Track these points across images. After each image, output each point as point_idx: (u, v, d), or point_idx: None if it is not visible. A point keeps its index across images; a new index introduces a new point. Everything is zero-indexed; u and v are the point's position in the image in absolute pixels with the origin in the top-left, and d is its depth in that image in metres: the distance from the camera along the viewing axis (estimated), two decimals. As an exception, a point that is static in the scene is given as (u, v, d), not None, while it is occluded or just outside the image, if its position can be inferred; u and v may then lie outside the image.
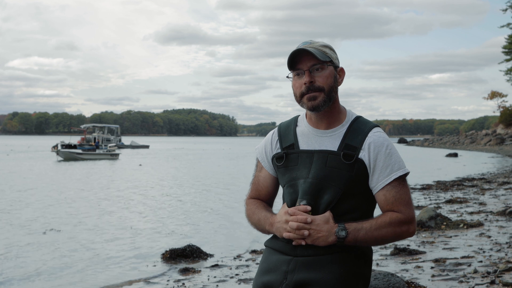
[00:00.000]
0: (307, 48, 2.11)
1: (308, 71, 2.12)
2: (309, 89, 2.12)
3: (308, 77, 2.12)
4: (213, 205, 13.72)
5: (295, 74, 2.17)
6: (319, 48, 2.15)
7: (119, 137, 70.38)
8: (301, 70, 2.14)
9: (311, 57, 2.12)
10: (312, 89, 2.12)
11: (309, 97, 2.12)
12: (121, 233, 9.69)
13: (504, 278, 4.67)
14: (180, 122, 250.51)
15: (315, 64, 2.12)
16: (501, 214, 9.02)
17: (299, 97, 2.16)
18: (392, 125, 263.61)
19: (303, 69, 2.13)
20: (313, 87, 2.12)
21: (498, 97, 74.27)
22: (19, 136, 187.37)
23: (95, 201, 14.47)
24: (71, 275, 6.74)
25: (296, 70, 2.16)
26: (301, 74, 2.15)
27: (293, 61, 2.15)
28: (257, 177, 2.35)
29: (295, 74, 2.17)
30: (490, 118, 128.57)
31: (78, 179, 22.13)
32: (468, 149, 58.22)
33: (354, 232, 2.04)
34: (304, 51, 2.12)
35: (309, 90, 2.12)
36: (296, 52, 2.13)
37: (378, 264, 5.79)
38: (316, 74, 2.13)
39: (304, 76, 2.13)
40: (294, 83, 2.18)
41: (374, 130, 2.16)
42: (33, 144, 79.07)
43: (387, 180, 2.10)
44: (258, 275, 2.17)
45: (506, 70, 63.98)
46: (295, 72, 2.16)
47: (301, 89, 2.14)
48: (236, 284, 5.59)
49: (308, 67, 2.12)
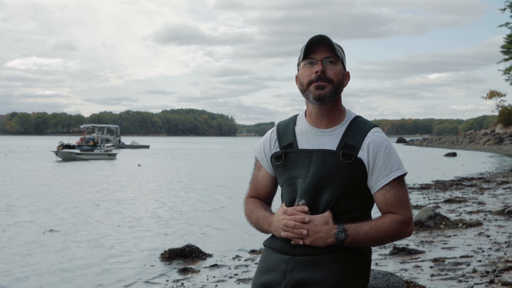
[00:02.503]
0: (328, 37, 2.12)
1: (321, 62, 2.12)
2: (319, 77, 2.11)
3: (321, 66, 2.12)
4: (212, 205, 13.71)
5: (305, 64, 2.16)
6: (336, 44, 2.16)
7: (119, 137, 70.37)
8: (314, 60, 2.13)
9: (327, 48, 2.13)
10: (322, 78, 2.11)
11: (317, 85, 2.11)
12: (120, 233, 9.68)
13: (503, 278, 4.67)
14: (179, 122, 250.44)
15: (329, 57, 2.12)
16: (500, 213, 9.02)
17: (306, 86, 2.15)
18: (391, 124, 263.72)
19: (317, 59, 2.13)
20: (324, 77, 2.11)
21: (497, 96, 74.37)
22: (17, 136, 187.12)
23: (94, 202, 14.45)
24: (69, 276, 6.73)
25: (309, 59, 2.15)
26: (313, 64, 2.14)
27: (308, 49, 2.14)
28: (256, 176, 2.34)
29: (306, 64, 2.15)
30: (489, 118, 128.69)
31: (77, 179, 22.12)
32: (467, 148, 58.25)
33: (354, 234, 2.04)
34: (324, 40, 2.12)
35: (319, 78, 2.11)
36: (314, 39, 2.12)
37: (377, 263, 5.79)
38: (328, 66, 2.13)
39: (316, 66, 2.13)
40: (302, 72, 2.17)
41: (374, 130, 2.16)
42: (31, 144, 78.97)
43: (386, 180, 2.10)
44: (257, 274, 2.16)
45: (505, 70, 64.06)
46: (307, 60, 2.15)
47: (311, 77, 2.13)
48: (235, 284, 5.59)
49: (322, 58, 2.13)
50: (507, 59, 63.38)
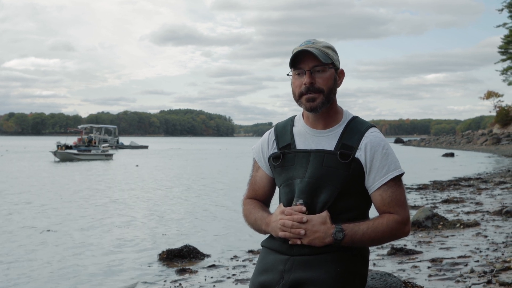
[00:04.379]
0: (310, 49, 2.11)
1: (309, 72, 2.12)
2: (308, 89, 2.12)
3: (309, 78, 2.11)
4: (210, 205, 13.71)
5: (295, 73, 2.17)
6: (322, 49, 2.14)
7: (117, 137, 70.39)
8: (302, 70, 2.14)
9: (313, 58, 2.12)
10: (311, 90, 2.11)
11: (308, 98, 2.12)
12: (118, 234, 9.67)
13: (500, 278, 4.68)
14: (177, 123, 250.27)
15: (316, 65, 2.12)
16: (498, 213, 9.04)
17: (298, 97, 2.16)
18: (388, 125, 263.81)
19: (305, 69, 2.13)
20: (312, 88, 2.11)
21: (494, 97, 74.47)
22: (15, 136, 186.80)
23: (91, 202, 14.43)
24: (67, 276, 6.72)
25: (297, 69, 2.15)
26: (301, 74, 2.14)
27: (295, 60, 2.15)
28: (254, 177, 2.35)
29: (296, 73, 2.16)
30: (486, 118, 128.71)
31: (75, 179, 22.10)
32: (465, 149, 58.33)
33: (351, 234, 2.04)
34: (307, 52, 2.12)
35: (308, 91, 2.12)
36: (299, 52, 2.13)
37: (375, 264, 5.79)
38: (317, 75, 2.13)
39: (304, 76, 2.13)
40: (294, 81, 2.18)
41: (371, 130, 2.17)
42: (29, 144, 78.85)
43: (384, 180, 2.10)
44: (255, 275, 2.17)
45: (502, 70, 64.17)
46: (296, 71, 2.16)
47: (301, 89, 2.14)
48: (233, 284, 5.59)
49: (310, 67, 2.12)
50: (504, 60, 63.48)
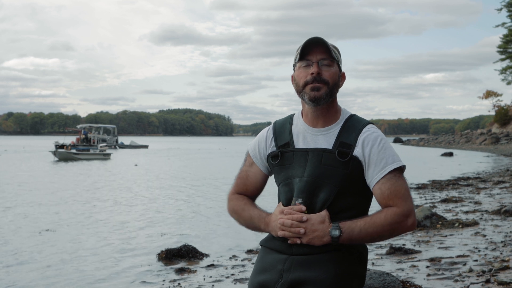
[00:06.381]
0: (323, 39, 2.13)
1: (316, 63, 2.13)
2: (315, 79, 2.12)
3: (317, 68, 2.13)
4: (208, 205, 13.70)
5: (301, 65, 2.16)
6: (331, 46, 2.16)
7: (116, 137, 70.33)
8: (310, 61, 2.14)
9: (323, 50, 2.14)
10: (318, 80, 2.12)
11: (313, 87, 2.12)
12: (117, 233, 9.66)
13: (499, 277, 4.68)
14: (176, 122, 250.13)
15: (325, 58, 2.14)
16: (496, 213, 9.04)
17: (302, 87, 2.16)
18: (387, 124, 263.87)
19: (313, 60, 2.14)
20: (319, 78, 2.12)
21: (493, 96, 74.45)
22: (14, 136, 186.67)
23: (90, 201, 14.43)
24: (65, 276, 6.72)
25: (304, 61, 2.16)
26: (308, 66, 2.15)
27: (304, 51, 2.15)
28: (246, 172, 2.33)
29: (302, 65, 2.16)
30: (485, 117, 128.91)
31: (75, 179, 22.08)
32: (464, 148, 58.34)
33: (349, 231, 2.04)
34: (320, 42, 2.13)
35: (314, 80, 2.12)
36: (310, 41, 2.13)
37: (373, 263, 5.79)
38: (323, 68, 2.14)
39: (311, 67, 2.14)
40: (298, 73, 2.18)
41: (368, 126, 2.17)
42: (28, 144, 78.79)
43: (382, 174, 2.09)
44: (254, 274, 2.17)
45: (501, 70, 64.26)
46: (303, 62, 2.16)
47: (306, 78, 2.14)
48: (231, 284, 5.59)
49: (318, 59, 2.13)
50: (503, 59, 63.57)
